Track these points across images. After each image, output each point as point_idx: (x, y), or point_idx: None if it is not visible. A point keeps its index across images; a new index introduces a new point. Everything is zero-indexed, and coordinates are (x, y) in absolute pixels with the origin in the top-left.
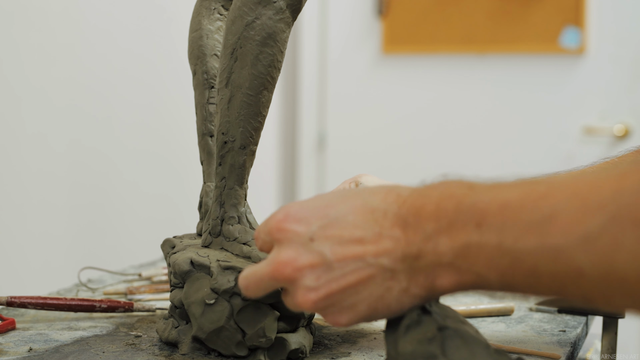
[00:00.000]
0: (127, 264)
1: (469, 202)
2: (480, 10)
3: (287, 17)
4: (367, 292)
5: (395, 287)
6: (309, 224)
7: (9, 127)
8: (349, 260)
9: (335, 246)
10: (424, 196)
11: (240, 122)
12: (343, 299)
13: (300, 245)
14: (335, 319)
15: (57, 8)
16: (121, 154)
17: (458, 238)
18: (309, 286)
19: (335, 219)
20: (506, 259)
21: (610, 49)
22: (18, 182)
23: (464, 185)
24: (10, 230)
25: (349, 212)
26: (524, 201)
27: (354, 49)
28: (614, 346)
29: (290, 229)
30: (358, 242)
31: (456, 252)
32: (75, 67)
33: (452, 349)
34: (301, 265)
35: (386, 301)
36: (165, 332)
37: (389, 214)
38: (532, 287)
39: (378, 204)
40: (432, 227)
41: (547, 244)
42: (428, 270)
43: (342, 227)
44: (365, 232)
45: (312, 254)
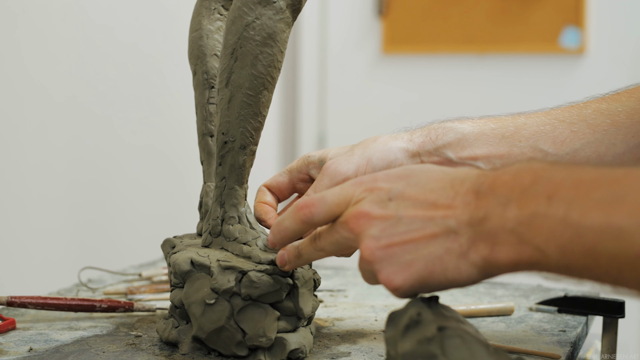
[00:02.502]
0: (127, 264)
1: (546, 176)
2: (480, 10)
3: (287, 17)
4: (426, 250)
5: (456, 249)
6: (394, 184)
7: (9, 125)
8: (418, 219)
9: (408, 205)
10: (504, 169)
11: (240, 122)
12: (402, 254)
13: (377, 202)
14: (389, 276)
15: (57, 5)
16: (121, 154)
17: (527, 207)
18: (373, 235)
19: (415, 184)
20: (568, 232)
21: (610, 49)
22: (18, 182)
23: (544, 163)
24: (10, 230)
25: (429, 179)
26: (599, 181)
27: (354, 49)
28: (614, 346)
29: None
30: (431, 205)
31: (521, 220)
32: (75, 66)
33: (452, 349)
34: (373, 216)
35: (444, 263)
36: (166, 332)
37: (467, 182)
38: (588, 268)
39: (459, 174)
40: (504, 194)
41: (611, 223)
42: (490, 235)
43: (420, 191)
44: (440, 196)
45: (386, 209)
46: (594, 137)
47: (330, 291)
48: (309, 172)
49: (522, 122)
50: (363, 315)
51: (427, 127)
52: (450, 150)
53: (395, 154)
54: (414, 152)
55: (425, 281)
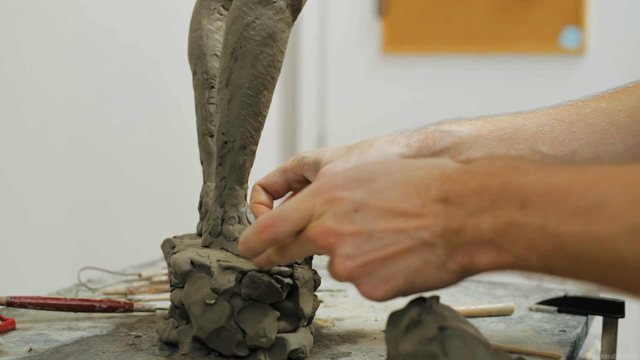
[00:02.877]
0: (127, 264)
1: (514, 182)
2: (480, 10)
3: (287, 17)
4: (404, 264)
5: (434, 261)
6: (353, 196)
7: (9, 125)
8: (389, 232)
9: (377, 218)
10: (468, 173)
11: (241, 122)
12: (380, 269)
13: (343, 216)
14: (370, 290)
15: (58, 5)
16: (121, 153)
17: (500, 216)
18: (347, 254)
19: (379, 191)
20: (548, 242)
21: (610, 49)
22: (18, 181)
23: (510, 164)
24: (10, 230)
25: (392, 185)
26: (571, 186)
27: (354, 49)
28: (614, 346)
29: (338, 195)
30: (400, 215)
31: (498, 230)
32: (75, 66)
33: (452, 349)
34: (342, 232)
35: (424, 275)
36: (166, 332)
37: (432, 188)
38: (572, 273)
39: (422, 179)
40: (474, 204)
41: (591, 232)
42: (467, 247)
43: (385, 200)
44: (408, 205)
45: (355, 224)
46: (593, 137)
47: (330, 291)
48: (303, 173)
49: (521, 123)
50: (363, 315)
51: (424, 130)
52: (448, 154)
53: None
54: (410, 158)
55: (407, 291)
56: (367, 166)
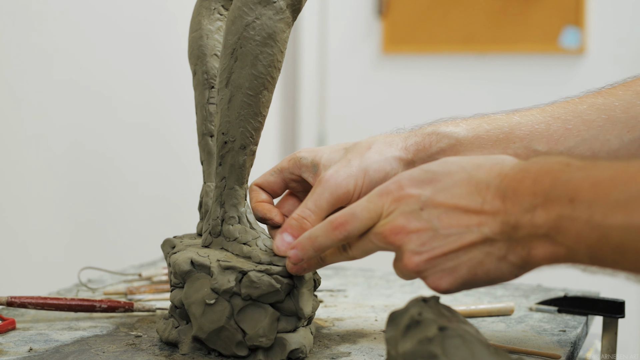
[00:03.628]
0: (127, 264)
1: (564, 178)
2: (480, 10)
3: (287, 17)
4: (467, 257)
5: (495, 253)
6: (423, 189)
7: (10, 127)
8: (453, 228)
9: (442, 215)
10: (523, 171)
11: (241, 122)
12: (444, 262)
13: (410, 213)
14: (436, 282)
15: (56, 8)
16: (121, 154)
17: (552, 211)
18: (414, 250)
19: (443, 190)
20: (595, 233)
21: (610, 49)
22: (18, 182)
23: (561, 162)
24: (10, 230)
25: (455, 184)
26: (615, 180)
27: (354, 49)
28: (614, 346)
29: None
30: (463, 212)
31: (550, 224)
32: (75, 67)
33: (452, 349)
34: (410, 229)
35: (485, 267)
36: (166, 332)
37: (491, 187)
38: (618, 263)
39: (482, 177)
40: (529, 201)
41: (633, 222)
42: (525, 241)
43: (449, 198)
44: (470, 203)
45: (421, 221)
46: (588, 133)
47: (330, 291)
48: (301, 174)
49: (517, 121)
50: (363, 315)
51: (421, 131)
52: (445, 156)
53: (391, 164)
54: (408, 161)
55: (470, 283)
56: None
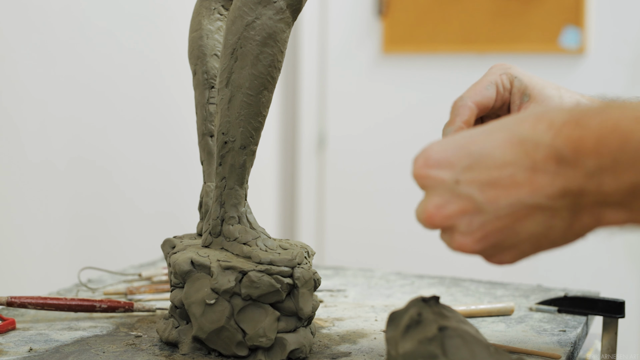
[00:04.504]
0: (127, 264)
1: (637, 138)
2: (480, 10)
3: (287, 17)
4: (526, 231)
5: (558, 224)
6: (452, 167)
7: (10, 125)
8: (501, 201)
9: (484, 187)
10: (582, 126)
11: (241, 122)
12: (502, 240)
13: (445, 191)
14: (500, 260)
15: (57, 7)
16: (121, 153)
17: (625, 177)
18: (463, 231)
19: (480, 156)
20: None
21: (610, 49)
22: (18, 182)
23: (628, 116)
24: (10, 230)
25: (495, 146)
26: None
27: (354, 49)
28: (614, 346)
29: (432, 175)
30: (509, 182)
31: (624, 192)
32: (76, 66)
33: (452, 349)
34: (450, 213)
35: (550, 238)
36: (166, 332)
37: (542, 145)
38: None
39: (527, 134)
40: (593, 164)
41: None
42: (594, 209)
43: (489, 165)
44: (516, 169)
45: (460, 200)
46: None
47: (330, 291)
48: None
49: None
50: (363, 315)
51: None
52: None
53: None
54: None
55: (535, 254)
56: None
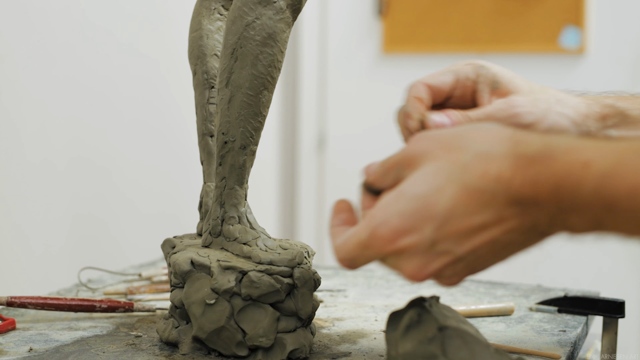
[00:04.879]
0: (127, 264)
1: (590, 186)
2: (480, 10)
3: (287, 17)
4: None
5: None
6: (422, 231)
7: (10, 125)
8: (479, 247)
9: (461, 240)
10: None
11: (241, 122)
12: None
13: (423, 254)
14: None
15: (57, 7)
16: (121, 153)
17: (588, 216)
18: (449, 276)
19: (446, 216)
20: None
21: (610, 49)
22: (18, 182)
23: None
24: (10, 230)
25: (454, 203)
26: None
27: (354, 49)
28: (614, 346)
29: (403, 245)
30: (482, 229)
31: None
32: (76, 66)
33: (452, 349)
34: (433, 271)
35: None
36: (166, 332)
37: (499, 195)
38: None
39: (479, 185)
40: (554, 209)
41: None
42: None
43: (459, 219)
44: (484, 217)
45: (440, 256)
46: None
47: (330, 291)
48: (477, 83)
49: None
50: (363, 315)
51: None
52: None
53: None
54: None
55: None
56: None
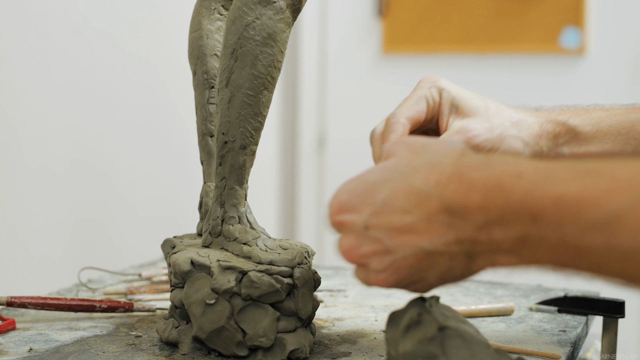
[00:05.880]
0: (127, 264)
1: (519, 194)
2: (480, 10)
3: (287, 17)
4: (431, 270)
5: (457, 266)
6: (360, 212)
7: (9, 126)
8: (405, 246)
9: (390, 233)
10: (467, 183)
11: (241, 122)
12: (411, 275)
13: (357, 234)
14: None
15: (56, 9)
16: (121, 153)
17: (513, 229)
18: (377, 269)
19: (383, 204)
20: (570, 252)
21: (610, 49)
22: (18, 182)
23: (510, 172)
24: (10, 230)
25: (395, 196)
26: (584, 198)
27: (354, 49)
28: (614, 346)
29: (344, 220)
30: (410, 230)
31: (514, 241)
32: (76, 66)
33: (452, 349)
34: (364, 253)
35: (452, 274)
36: (166, 332)
37: (433, 197)
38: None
39: (421, 186)
40: (481, 218)
41: (614, 245)
42: (487, 254)
43: (392, 213)
44: (414, 217)
45: (371, 242)
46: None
47: (330, 291)
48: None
49: (636, 117)
50: (363, 315)
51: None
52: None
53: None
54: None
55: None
56: (370, 176)
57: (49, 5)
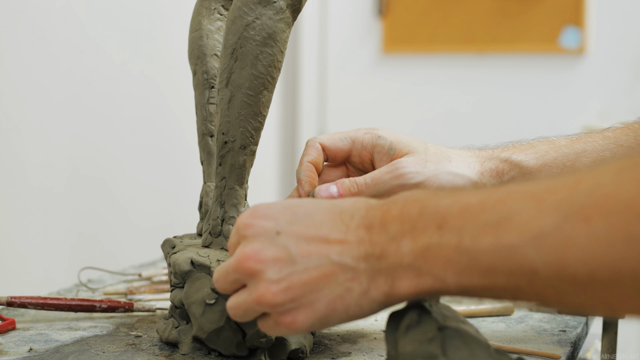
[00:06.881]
0: (127, 264)
1: (431, 205)
2: (480, 10)
3: (287, 17)
4: (327, 289)
5: (356, 288)
6: (276, 220)
7: (10, 125)
8: (313, 256)
9: (300, 241)
10: (391, 202)
11: (241, 122)
12: (303, 295)
13: (265, 239)
14: (293, 317)
15: (58, 6)
16: (121, 153)
17: (420, 239)
18: (271, 279)
19: (303, 216)
20: (464, 258)
21: (610, 49)
22: (18, 182)
23: (428, 191)
24: (10, 230)
25: (316, 211)
26: (484, 204)
27: (354, 49)
28: (614, 346)
29: (257, 223)
30: (323, 240)
31: (417, 253)
32: (76, 66)
33: (452, 349)
34: (265, 258)
35: (345, 302)
36: (166, 332)
37: (356, 216)
38: (488, 288)
39: (346, 207)
40: (395, 229)
41: (502, 243)
42: (389, 272)
43: (309, 224)
44: (331, 231)
45: (277, 248)
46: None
47: None
48: (373, 152)
49: (581, 148)
50: None
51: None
52: None
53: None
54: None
55: (327, 319)
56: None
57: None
